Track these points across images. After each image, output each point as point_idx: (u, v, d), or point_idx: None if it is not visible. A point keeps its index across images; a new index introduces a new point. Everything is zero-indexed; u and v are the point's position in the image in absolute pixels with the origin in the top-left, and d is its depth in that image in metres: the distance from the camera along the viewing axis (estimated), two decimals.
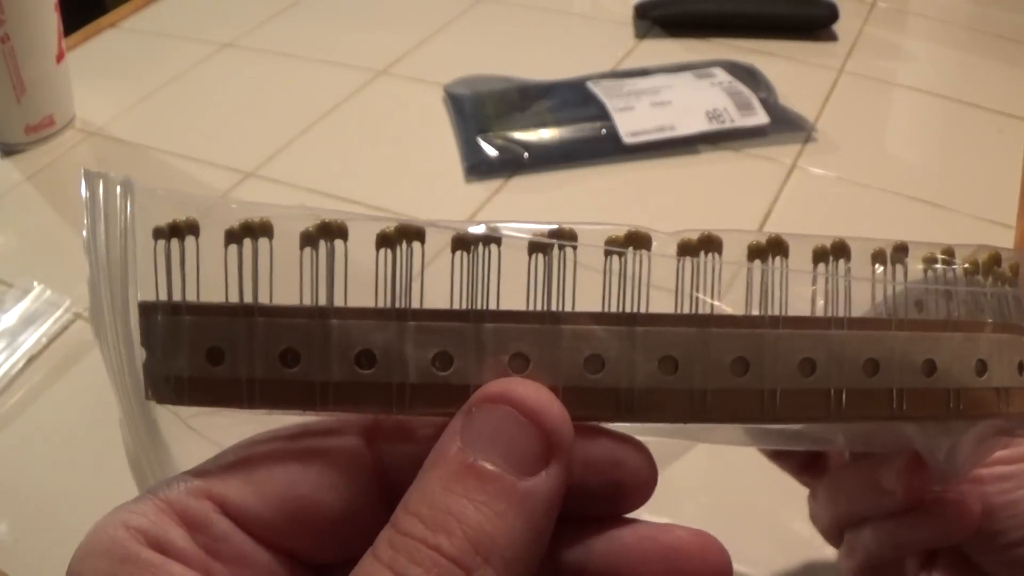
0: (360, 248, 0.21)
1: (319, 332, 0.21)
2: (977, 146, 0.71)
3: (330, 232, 0.21)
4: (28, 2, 0.65)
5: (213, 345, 0.21)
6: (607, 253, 0.22)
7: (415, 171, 0.68)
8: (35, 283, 0.56)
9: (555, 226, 0.22)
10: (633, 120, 0.69)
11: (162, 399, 0.22)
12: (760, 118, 0.70)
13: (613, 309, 0.22)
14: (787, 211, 0.63)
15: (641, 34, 0.84)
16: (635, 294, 0.22)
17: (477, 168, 0.67)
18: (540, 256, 0.22)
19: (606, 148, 0.68)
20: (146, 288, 0.22)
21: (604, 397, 0.22)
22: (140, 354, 0.22)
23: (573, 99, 0.73)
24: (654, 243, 0.22)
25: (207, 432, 0.22)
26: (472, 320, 0.21)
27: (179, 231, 0.21)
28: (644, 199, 0.65)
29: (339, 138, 0.71)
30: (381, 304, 0.21)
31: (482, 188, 0.66)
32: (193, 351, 0.21)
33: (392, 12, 0.88)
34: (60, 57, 0.69)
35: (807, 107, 0.73)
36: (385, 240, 0.21)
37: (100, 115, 0.73)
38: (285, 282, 0.21)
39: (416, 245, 0.22)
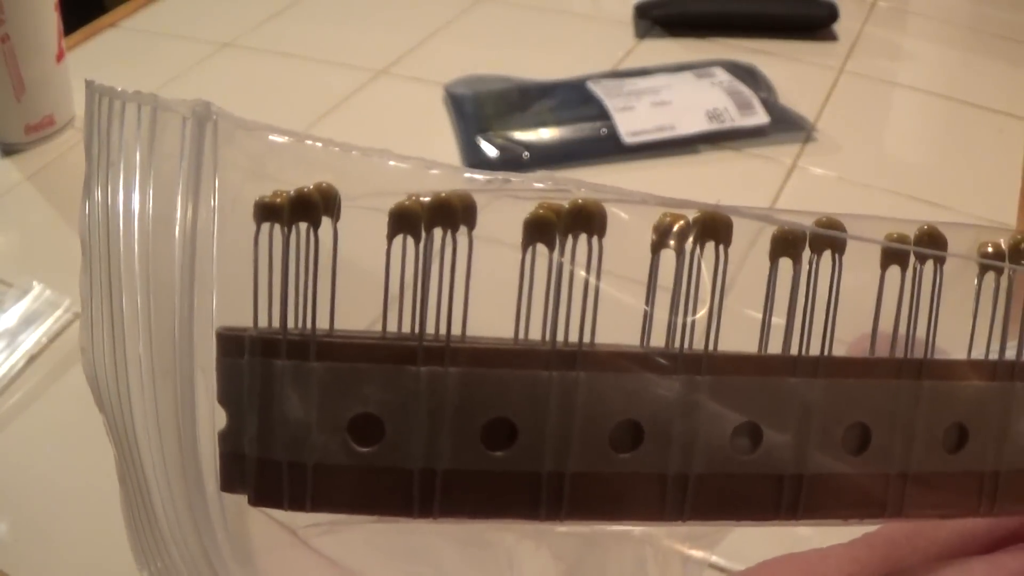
0: None
1: (551, 390, 0.13)
2: (977, 146, 0.71)
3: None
4: (28, 2, 0.65)
5: (363, 412, 0.12)
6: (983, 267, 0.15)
7: None
8: (35, 283, 0.56)
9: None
10: (633, 120, 0.69)
11: (263, 497, 0.13)
12: (760, 118, 0.69)
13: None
14: None
15: (641, 34, 0.84)
16: None
17: (477, 168, 0.67)
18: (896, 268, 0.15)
19: (606, 148, 0.68)
20: (228, 307, 0.13)
21: (964, 482, 0.16)
22: (210, 419, 0.14)
23: (573, 99, 0.73)
24: None
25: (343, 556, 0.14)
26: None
27: (298, 207, 0.12)
28: None
29: (339, 138, 0.71)
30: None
31: None
32: (327, 421, 0.12)
33: (392, 12, 0.88)
34: (60, 57, 0.69)
35: (807, 107, 0.73)
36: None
37: None
38: None
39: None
